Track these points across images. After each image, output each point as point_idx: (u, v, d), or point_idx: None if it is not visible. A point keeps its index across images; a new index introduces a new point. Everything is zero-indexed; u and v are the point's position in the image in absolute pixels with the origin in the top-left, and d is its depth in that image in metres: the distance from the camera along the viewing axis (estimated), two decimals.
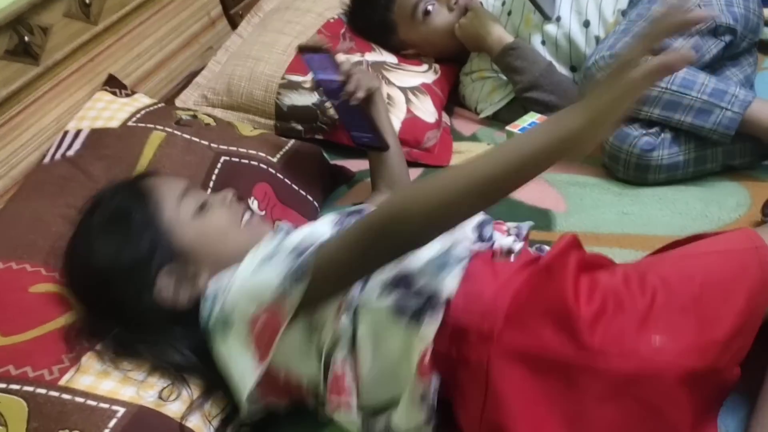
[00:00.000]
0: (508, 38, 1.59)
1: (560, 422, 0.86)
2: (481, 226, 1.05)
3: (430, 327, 0.90)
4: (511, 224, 1.11)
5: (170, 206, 1.04)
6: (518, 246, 1.02)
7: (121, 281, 0.99)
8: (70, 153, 1.34)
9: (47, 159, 1.35)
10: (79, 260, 1.04)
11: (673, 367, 0.84)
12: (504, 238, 1.04)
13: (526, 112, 1.53)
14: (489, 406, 0.89)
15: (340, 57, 1.27)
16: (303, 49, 1.26)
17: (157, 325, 1.00)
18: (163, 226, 1.02)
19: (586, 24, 1.57)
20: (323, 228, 1.01)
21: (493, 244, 1.03)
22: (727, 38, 1.38)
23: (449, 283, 0.92)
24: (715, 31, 1.37)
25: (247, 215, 1.11)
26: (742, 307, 0.88)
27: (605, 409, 0.85)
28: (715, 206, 1.28)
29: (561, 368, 0.87)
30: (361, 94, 1.24)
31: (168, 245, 1.01)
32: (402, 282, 0.93)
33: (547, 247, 1.09)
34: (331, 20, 1.73)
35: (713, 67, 1.39)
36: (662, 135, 1.32)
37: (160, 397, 0.97)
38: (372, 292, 0.93)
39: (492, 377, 0.88)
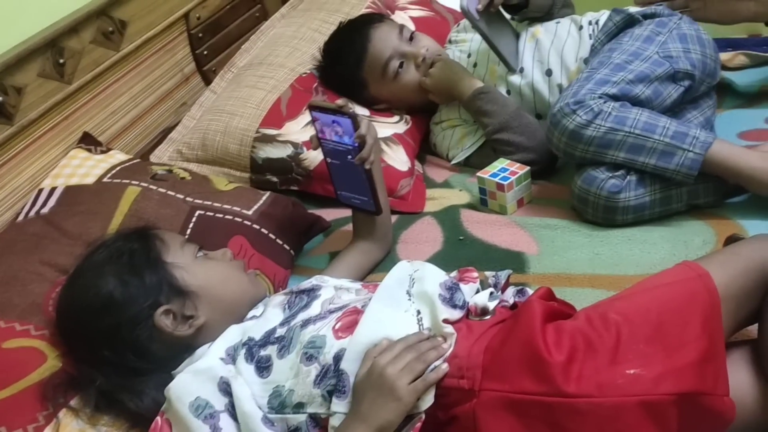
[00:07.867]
0: (478, 83, 1.64)
1: None
2: (451, 290, 1.03)
3: None
4: (489, 273, 1.12)
5: (173, 250, 1.09)
6: (493, 305, 1.03)
7: (121, 311, 1.01)
8: (45, 210, 1.34)
9: (21, 217, 1.35)
10: (81, 287, 1.05)
11: (653, 392, 0.86)
12: (479, 296, 1.04)
13: (496, 157, 1.56)
14: None
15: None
16: (314, 108, 1.24)
17: (145, 366, 1.01)
18: (167, 266, 1.06)
19: (549, 73, 1.62)
20: (273, 319, 1.05)
21: (465, 306, 1.03)
22: (686, 83, 1.43)
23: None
24: (674, 77, 1.42)
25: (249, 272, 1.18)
26: (700, 331, 0.91)
27: None
28: (681, 246, 1.31)
29: (546, 412, 0.88)
30: (372, 159, 1.24)
31: (171, 284, 1.05)
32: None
33: (528, 290, 1.10)
34: (304, 75, 1.76)
35: (674, 110, 1.44)
36: (628, 177, 1.36)
37: None
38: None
39: (480, 429, 0.90)
